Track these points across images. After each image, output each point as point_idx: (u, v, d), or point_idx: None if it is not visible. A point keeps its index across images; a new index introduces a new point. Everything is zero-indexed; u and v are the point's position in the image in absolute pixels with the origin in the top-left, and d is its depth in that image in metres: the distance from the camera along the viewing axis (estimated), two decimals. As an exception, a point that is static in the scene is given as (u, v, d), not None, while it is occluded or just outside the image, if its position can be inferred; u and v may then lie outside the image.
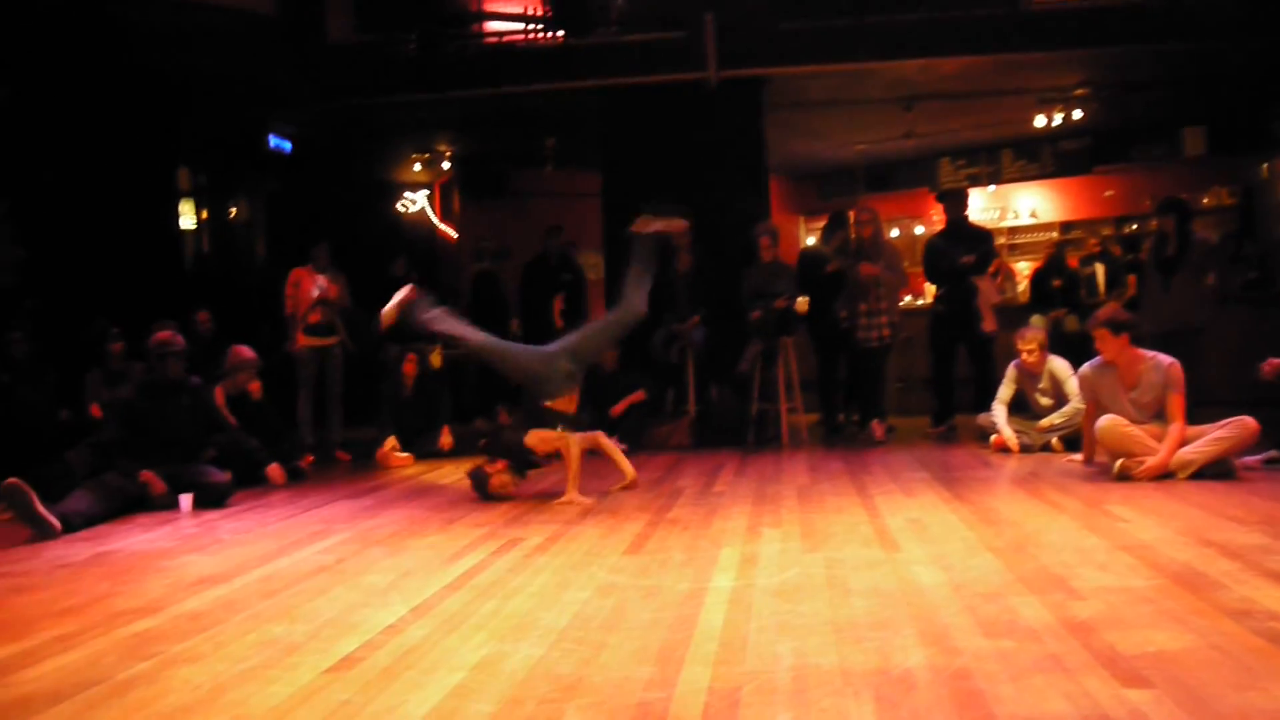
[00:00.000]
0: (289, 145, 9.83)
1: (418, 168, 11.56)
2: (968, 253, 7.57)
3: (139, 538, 4.77)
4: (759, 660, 2.56)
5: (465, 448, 7.39)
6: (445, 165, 11.58)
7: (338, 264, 8.11)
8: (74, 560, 4.27)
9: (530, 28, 9.40)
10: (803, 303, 7.54)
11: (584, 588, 3.38)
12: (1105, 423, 5.25)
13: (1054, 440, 6.44)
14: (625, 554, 3.92)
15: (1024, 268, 12.09)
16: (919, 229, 13.29)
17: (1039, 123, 10.66)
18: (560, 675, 2.50)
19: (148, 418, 5.73)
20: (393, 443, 7.29)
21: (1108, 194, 12.44)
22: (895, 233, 12.89)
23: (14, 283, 7.47)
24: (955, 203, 7.99)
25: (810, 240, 13.16)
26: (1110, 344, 5.37)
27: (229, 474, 5.78)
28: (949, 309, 7.66)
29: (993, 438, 6.60)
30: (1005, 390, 6.64)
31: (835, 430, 8.18)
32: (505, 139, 11.07)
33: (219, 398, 6.56)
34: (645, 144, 8.81)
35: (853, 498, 5.05)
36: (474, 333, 5.58)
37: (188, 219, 9.80)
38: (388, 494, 5.90)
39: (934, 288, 8.07)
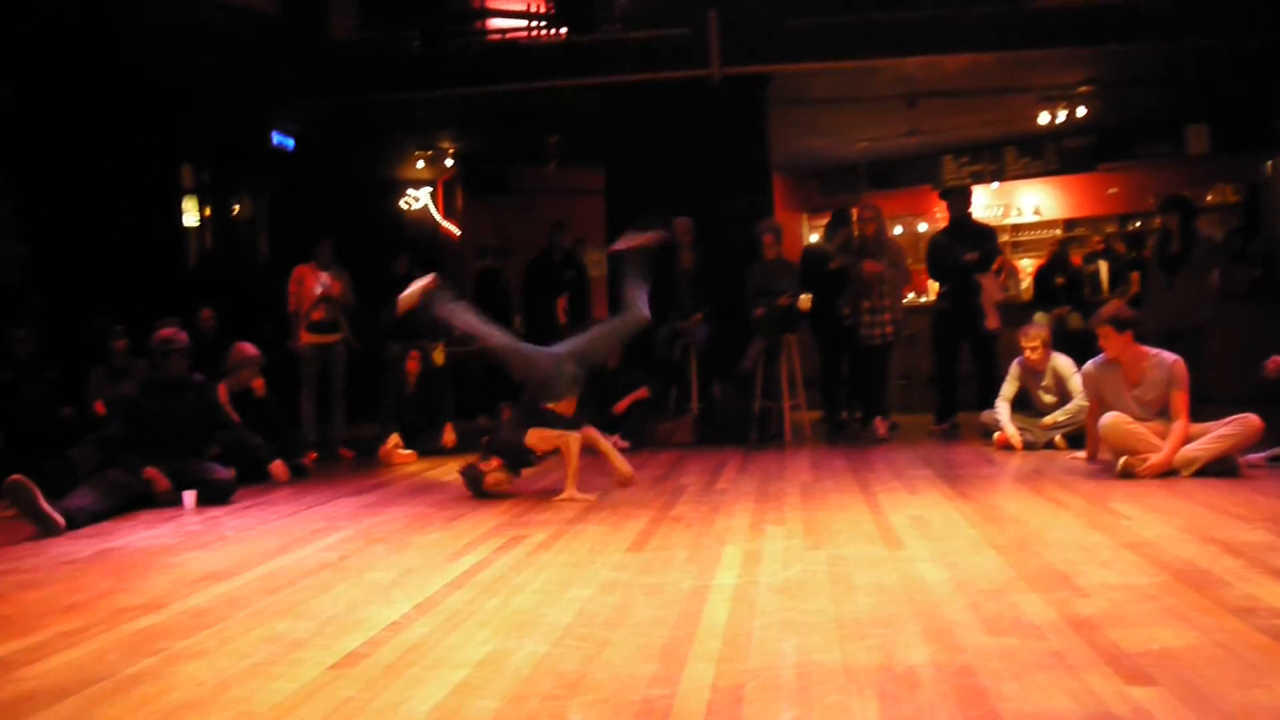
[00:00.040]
0: (292, 143, 9.84)
1: (421, 165, 11.57)
2: (971, 250, 7.56)
3: (143, 534, 4.78)
4: (763, 657, 2.56)
5: (468, 445, 7.38)
6: (448, 162, 11.59)
7: (341, 261, 8.14)
8: (78, 557, 4.28)
9: (533, 25, 9.40)
10: (805, 300, 7.54)
11: (587, 585, 3.38)
12: (1109, 420, 5.25)
13: (1057, 438, 6.43)
14: (628, 551, 3.92)
15: (1027, 265, 12.08)
16: (922, 226, 13.29)
17: (1043, 120, 10.65)
18: (564, 672, 2.50)
19: (151, 415, 5.73)
20: (396, 440, 7.29)
21: (1111, 191, 12.43)
22: (898, 230, 12.89)
23: (18, 280, 7.47)
24: (958, 200, 7.98)
25: (813, 238, 13.16)
26: (1114, 341, 5.37)
27: (233, 471, 5.80)
28: (952, 306, 7.65)
29: (996, 435, 6.59)
30: (1008, 388, 6.63)
31: (838, 428, 8.19)
32: (508, 136, 11.08)
33: (222, 395, 6.56)
34: (648, 141, 8.82)
35: (856, 495, 5.05)
36: (489, 329, 5.56)
37: (191, 217, 9.81)
38: (391, 491, 5.91)
39: (937, 285, 8.06)
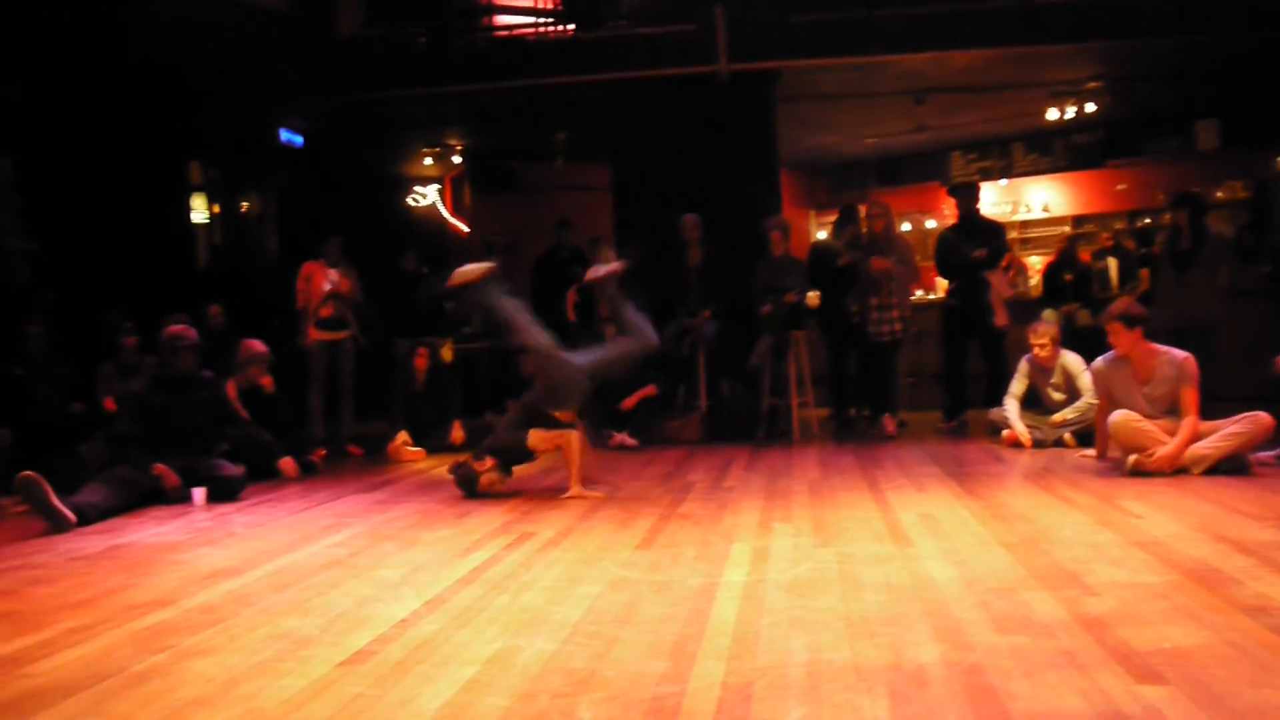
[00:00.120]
0: (300, 140, 9.85)
1: (428, 162, 11.57)
2: (979, 247, 7.54)
3: (152, 531, 4.80)
4: (772, 655, 2.56)
5: (476, 442, 7.35)
6: (456, 159, 11.59)
7: (349, 258, 8.14)
8: (88, 553, 4.29)
9: (540, 21, 9.39)
10: (813, 297, 7.53)
11: (596, 582, 3.39)
12: (1118, 418, 5.23)
13: (1066, 435, 6.42)
14: (637, 549, 3.92)
15: (1036, 262, 12.03)
16: (930, 223, 13.24)
17: (1051, 116, 10.61)
18: (573, 669, 2.50)
19: (160, 411, 5.75)
20: (404, 437, 7.30)
21: (1120, 188, 12.37)
22: (906, 227, 12.84)
23: (28, 277, 7.49)
24: (967, 197, 7.96)
25: (821, 234, 13.14)
26: (1124, 338, 5.35)
27: (242, 468, 5.81)
28: (961, 303, 7.64)
29: (1004, 433, 6.58)
30: (1017, 385, 6.61)
31: (846, 425, 8.17)
32: (516, 133, 11.06)
33: (231, 391, 6.58)
34: (656, 138, 8.80)
35: (864, 493, 5.04)
36: (534, 328, 5.50)
37: (200, 213, 9.82)
38: (399, 488, 5.92)
39: (945, 282, 8.04)
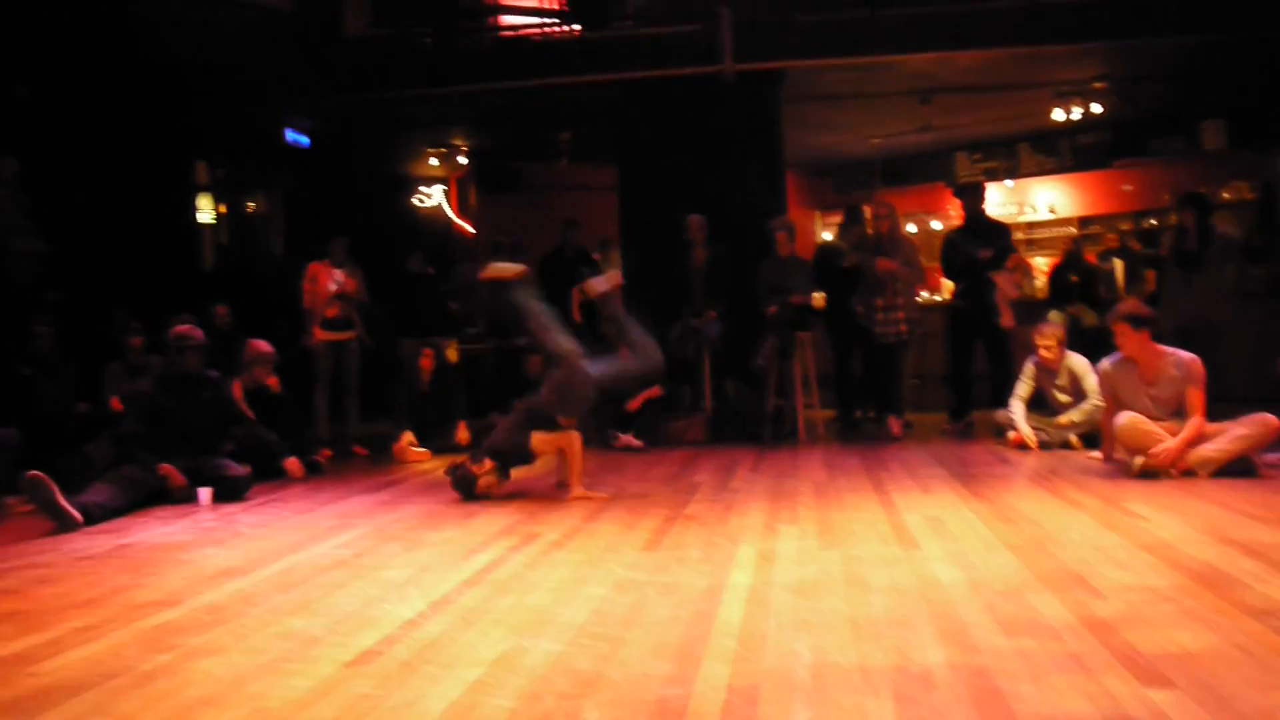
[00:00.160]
0: (307, 140, 9.86)
1: (434, 162, 11.58)
2: (985, 248, 7.53)
3: (158, 530, 4.81)
4: (778, 657, 2.56)
5: (481, 442, 7.37)
6: (461, 160, 11.60)
7: (354, 258, 8.15)
8: (95, 552, 4.30)
9: (546, 21, 9.39)
10: (819, 298, 7.52)
11: (602, 584, 3.39)
12: (1124, 420, 5.21)
13: (1072, 437, 6.40)
14: (643, 550, 3.92)
15: (1041, 263, 12.01)
16: (936, 224, 13.23)
17: (1057, 116, 10.59)
18: (579, 671, 2.50)
19: (166, 411, 5.76)
20: (409, 437, 7.31)
21: (1126, 188, 12.34)
22: (912, 228, 12.83)
23: (35, 277, 7.50)
24: (973, 197, 7.95)
25: (826, 235, 13.12)
26: (1130, 339, 5.33)
27: (247, 467, 5.82)
28: (966, 304, 7.62)
29: (1010, 434, 6.56)
30: (1023, 387, 6.59)
31: (851, 426, 8.16)
32: (521, 133, 11.07)
33: (237, 391, 6.59)
34: (661, 138, 8.80)
35: (870, 494, 5.04)
36: (561, 335, 5.48)
37: (206, 213, 9.84)
38: (404, 488, 5.92)
39: (951, 283, 8.03)
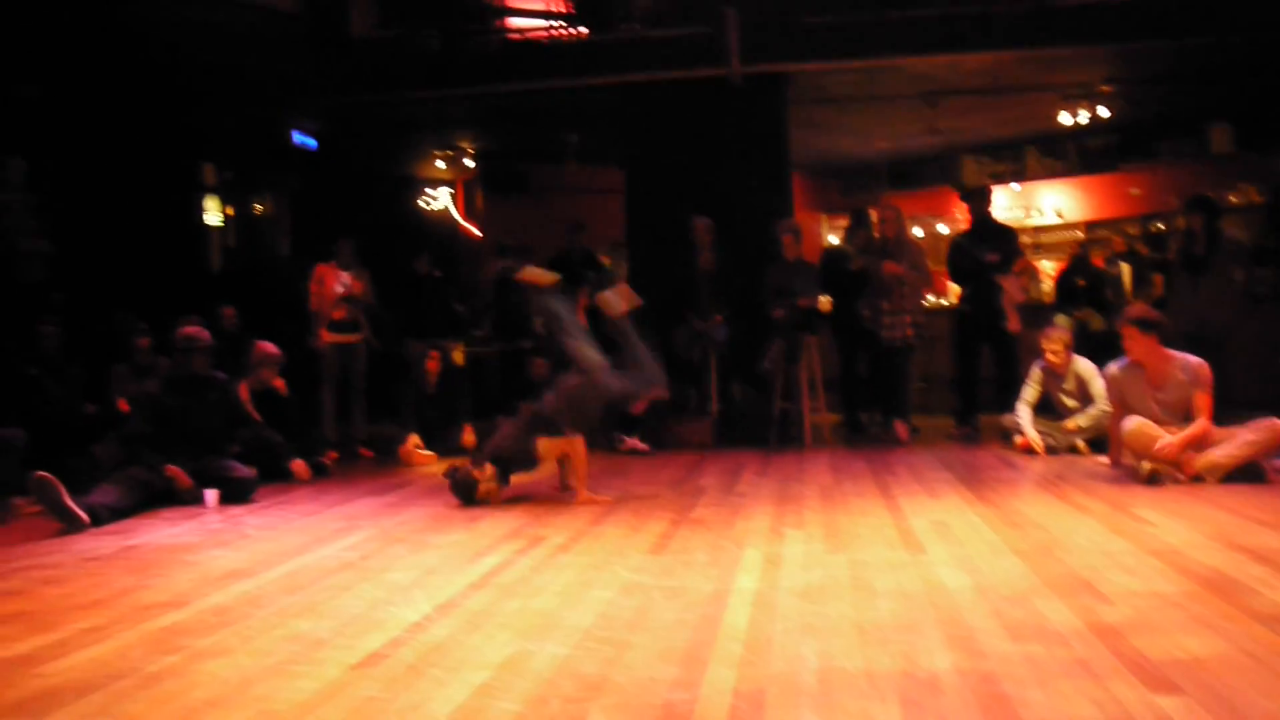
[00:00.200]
0: (313, 142, 9.88)
1: (440, 164, 11.59)
2: (992, 251, 7.52)
3: (165, 532, 4.82)
4: (784, 662, 2.55)
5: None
6: (467, 162, 11.60)
7: (361, 260, 8.16)
8: (101, 553, 4.31)
9: (553, 23, 9.40)
10: (825, 301, 7.51)
11: (608, 587, 3.38)
12: (1131, 425, 5.20)
13: (1079, 442, 6.38)
14: (648, 554, 3.92)
15: (1048, 267, 11.99)
16: (942, 227, 13.20)
17: (1064, 119, 10.56)
18: (585, 675, 2.50)
19: (173, 412, 5.77)
20: (415, 440, 7.31)
21: (1134, 192, 12.30)
22: (918, 231, 12.81)
23: (42, 277, 7.53)
24: (979, 201, 7.94)
25: (833, 238, 13.10)
26: (1139, 343, 5.32)
27: (254, 469, 5.83)
28: (973, 308, 7.61)
29: (1017, 439, 6.55)
30: (1030, 391, 6.58)
31: (858, 430, 8.15)
32: (527, 135, 11.08)
33: (243, 393, 6.60)
34: (667, 140, 8.81)
35: (876, 499, 5.03)
36: (587, 347, 5.45)
37: (213, 215, 9.86)
38: (411, 491, 5.93)
39: (958, 287, 8.02)
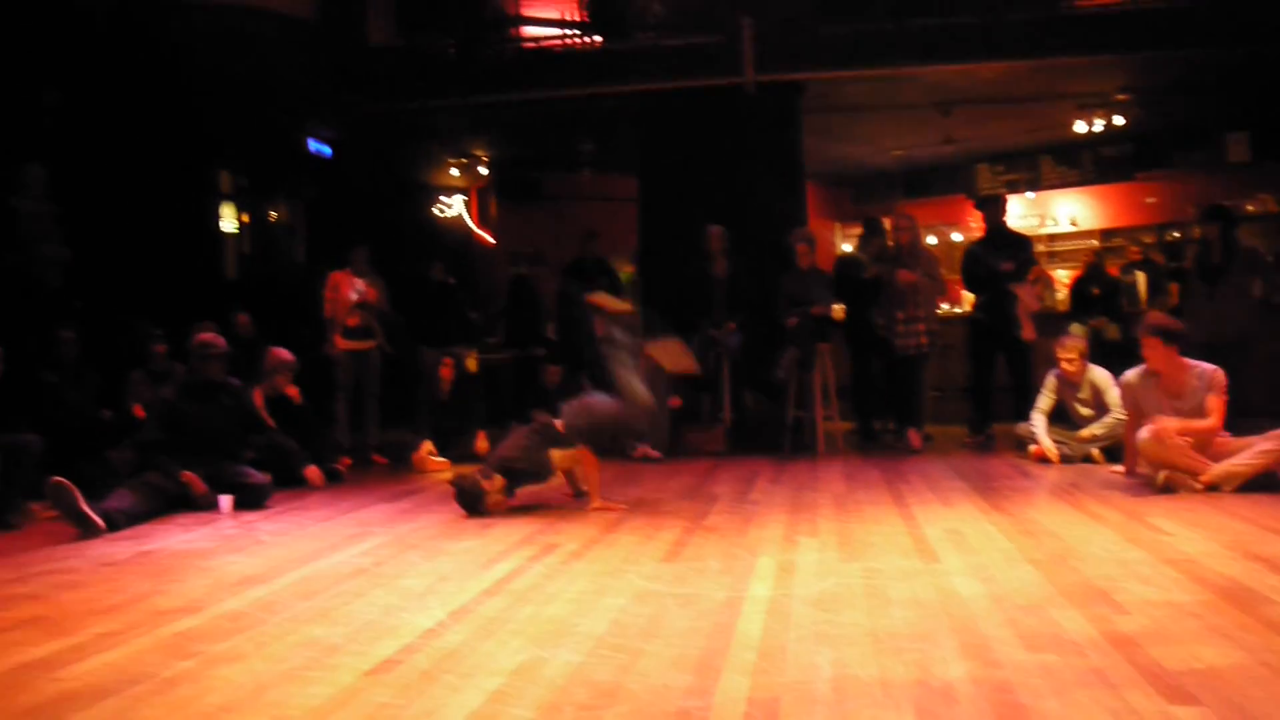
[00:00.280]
0: (329, 150, 9.93)
1: (455, 172, 11.63)
2: (1007, 260, 7.49)
3: (180, 537, 4.84)
4: (798, 670, 2.55)
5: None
6: (482, 169, 11.64)
7: (376, 268, 8.19)
8: (117, 559, 4.33)
9: (568, 32, 9.44)
10: (839, 309, 7.49)
11: (621, 594, 3.38)
12: (1147, 433, 5.17)
13: (1094, 451, 6.35)
14: (662, 561, 3.91)
15: (1063, 276, 11.95)
16: (957, 236, 13.19)
17: (1079, 128, 10.56)
18: (598, 682, 2.50)
19: (188, 418, 5.80)
20: (429, 446, 7.32)
21: (1149, 201, 12.27)
22: (933, 239, 12.79)
23: (60, 283, 7.59)
24: (994, 209, 7.91)
25: (847, 246, 13.09)
26: (1159, 352, 5.29)
27: (268, 475, 5.84)
28: (987, 317, 7.59)
29: (1032, 448, 6.52)
30: (1045, 400, 6.55)
31: (871, 438, 8.12)
32: (542, 143, 11.12)
33: (257, 399, 6.63)
34: (682, 148, 8.82)
35: (890, 507, 5.01)
36: (637, 380, 5.40)
37: (228, 222, 9.91)
38: (424, 497, 5.94)
39: (972, 295, 7.99)
